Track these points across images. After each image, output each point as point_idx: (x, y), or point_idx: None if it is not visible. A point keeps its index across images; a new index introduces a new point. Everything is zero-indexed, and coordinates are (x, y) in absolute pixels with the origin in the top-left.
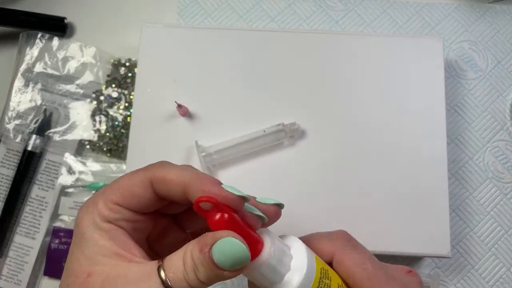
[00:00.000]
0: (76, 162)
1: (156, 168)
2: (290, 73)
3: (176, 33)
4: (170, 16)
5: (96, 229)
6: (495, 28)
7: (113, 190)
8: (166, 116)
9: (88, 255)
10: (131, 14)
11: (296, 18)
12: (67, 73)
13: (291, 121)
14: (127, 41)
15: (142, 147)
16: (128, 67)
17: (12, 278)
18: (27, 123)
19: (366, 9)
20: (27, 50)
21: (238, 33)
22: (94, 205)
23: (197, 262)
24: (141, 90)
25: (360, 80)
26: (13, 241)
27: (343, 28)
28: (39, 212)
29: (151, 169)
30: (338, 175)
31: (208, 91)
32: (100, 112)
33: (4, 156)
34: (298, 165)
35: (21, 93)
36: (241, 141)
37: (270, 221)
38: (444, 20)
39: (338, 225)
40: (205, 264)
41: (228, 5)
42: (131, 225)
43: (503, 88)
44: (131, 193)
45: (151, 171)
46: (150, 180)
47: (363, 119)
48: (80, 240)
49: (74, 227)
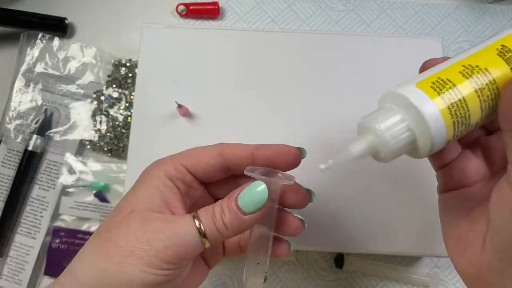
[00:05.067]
0: (76, 162)
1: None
2: (290, 73)
3: (177, 34)
4: (171, 16)
5: (155, 180)
6: (494, 28)
7: (184, 156)
8: (166, 116)
9: (138, 198)
10: (131, 14)
11: (296, 19)
12: (68, 73)
13: (292, 120)
14: (128, 42)
15: (143, 147)
16: (128, 67)
17: (13, 277)
18: (28, 123)
19: (366, 10)
20: (27, 50)
21: (238, 34)
22: (162, 162)
23: (224, 208)
24: (142, 90)
25: (360, 80)
26: (13, 241)
27: (343, 29)
28: (39, 212)
29: (218, 144)
30: (338, 175)
31: (208, 91)
32: (101, 112)
33: (5, 156)
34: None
35: (22, 93)
36: None
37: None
38: (444, 20)
39: (338, 225)
40: (230, 208)
41: (229, 6)
42: (186, 189)
43: None
44: (201, 159)
45: (220, 145)
46: (220, 151)
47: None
48: (137, 185)
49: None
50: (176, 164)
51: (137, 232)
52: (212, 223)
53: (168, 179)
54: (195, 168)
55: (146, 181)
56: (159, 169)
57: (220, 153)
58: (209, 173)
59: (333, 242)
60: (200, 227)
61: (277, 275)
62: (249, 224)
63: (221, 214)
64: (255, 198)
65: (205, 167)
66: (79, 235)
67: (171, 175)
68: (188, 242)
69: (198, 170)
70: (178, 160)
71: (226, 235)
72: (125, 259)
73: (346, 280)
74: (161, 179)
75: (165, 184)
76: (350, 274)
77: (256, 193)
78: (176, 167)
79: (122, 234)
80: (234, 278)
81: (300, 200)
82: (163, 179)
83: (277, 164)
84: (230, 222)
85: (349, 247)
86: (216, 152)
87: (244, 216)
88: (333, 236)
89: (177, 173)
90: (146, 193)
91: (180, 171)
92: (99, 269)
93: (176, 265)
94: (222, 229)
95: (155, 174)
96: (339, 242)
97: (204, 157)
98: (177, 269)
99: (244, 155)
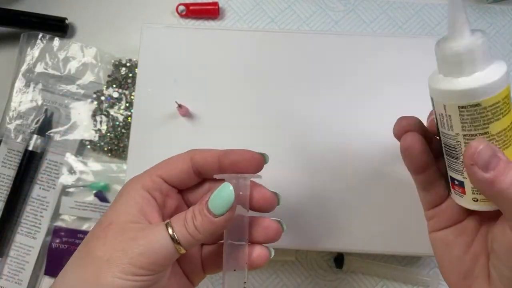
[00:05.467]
0: (77, 162)
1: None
2: (290, 73)
3: (177, 34)
4: (171, 16)
5: (132, 193)
6: (494, 28)
7: (159, 167)
8: (166, 116)
9: (117, 211)
10: (131, 14)
11: (296, 19)
12: (68, 73)
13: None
14: (128, 42)
15: (143, 147)
16: (128, 68)
17: (13, 277)
18: (28, 123)
19: (366, 10)
20: (28, 50)
21: (238, 34)
22: (139, 176)
23: (196, 212)
24: (142, 90)
25: (360, 80)
26: (14, 241)
27: (343, 29)
28: (40, 211)
29: (190, 150)
30: (338, 175)
31: (208, 91)
32: (101, 112)
33: (5, 156)
34: (298, 165)
35: (22, 93)
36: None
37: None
38: (444, 20)
39: (338, 225)
40: (201, 212)
41: (229, 6)
42: (163, 199)
43: None
44: (174, 167)
45: (191, 151)
46: (190, 156)
47: (363, 119)
48: (116, 199)
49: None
50: (152, 176)
51: (113, 242)
52: (184, 229)
53: (145, 191)
54: (170, 176)
55: (124, 194)
56: (136, 182)
57: (191, 159)
58: (183, 179)
59: (333, 242)
60: (173, 234)
61: (277, 275)
62: (220, 226)
63: (193, 219)
64: (224, 200)
65: (179, 174)
66: (79, 235)
67: (148, 187)
68: (162, 249)
69: (173, 177)
70: (153, 172)
71: (199, 238)
72: (103, 268)
73: (346, 280)
74: (139, 191)
75: (142, 196)
76: (350, 274)
77: (224, 195)
78: (152, 179)
79: (100, 245)
80: None
81: (267, 203)
82: (140, 191)
83: (241, 168)
84: (202, 226)
85: (349, 247)
86: (187, 158)
87: (214, 218)
88: (333, 236)
89: (153, 184)
90: (124, 206)
91: (156, 182)
92: (79, 280)
93: (152, 271)
94: (195, 233)
95: (133, 187)
96: (339, 242)
97: (177, 165)
98: (153, 275)
99: (212, 160)
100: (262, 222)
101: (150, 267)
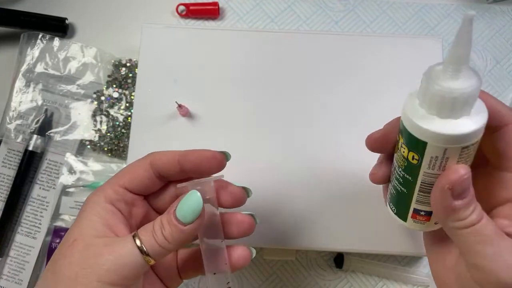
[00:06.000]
0: (77, 162)
1: (152, 153)
2: (290, 73)
3: (177, 34)
4: (171, 16)
5: (95, 207)
6: (494, 28)
7: (120, 176)
8: (166, 116)
9: (81, 227)
10: (132, 14)
11: (296, 19)
12: (68, 73)
13: (291, 120)
14: (128, 42)
15: (143, 147)
16: (128, 68)
17: (13, 277)
18: (28, 123)
19: (366, 10)
20: (28, 50)
21: (238, 34)
22: (101, 188)
23: (164, 222)
24: (142, 90)
25: (360, 80)
26: (14, 241)
27: (343, 29)
28: (40, 211)
29: (149, 155)
30: (338, 175)
31: (208, 91)
32: (101, 112)
33: (5, 156)
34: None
35: (22, 93)
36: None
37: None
38: (443, 20)
39: (338, 225)
40: (170, 221)
41: (229, 6)
42: (128, 209)
43: (502, 89)
44: (135, 173)
45: (150, 155)
46: (150, 161)
47: (363, 119)
48: (79, 215)
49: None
50: (114, 186)
51: (79, 259)
52: (153, 240)
53: (108, 203)
54: (133, 183)
55: (87, 209)
56: (98, 195)
57: (150, 163)
58: (147, 185)
59: (333, 242)
60: (141, 246)
61: (277, 275)
62: (190, 234)
63: (161, 229)
64: (192, 207)
65: (141, 180)
66: None
67: (111, 199)
68: (130, 262)
69: (136, 185)
70: (115, 182)
71: (169, 248)
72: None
73: (346, 280)
74: (101, 204)
75: (105, 208)
76: (350, 274)
77: (192, 203)
78: (114, 189)
79: (66, 264)
80: (234, 278)
81: (236, 199)
82: (103, 204)
83: (203, 168)
84: (171, 235)
85: (349, 246)
86: (146, 163)
87: (184, 227)
88: (333, 235)
89: (116, 195)
90: (88, 221)
91: (118, 192)
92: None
93: (122, 286)
94: (164, 244)
95: (95, 200)
96: (339, 242)
97: (137, 171)
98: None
99: (172, 162)
100: (234, 218)
101: (120, 282)
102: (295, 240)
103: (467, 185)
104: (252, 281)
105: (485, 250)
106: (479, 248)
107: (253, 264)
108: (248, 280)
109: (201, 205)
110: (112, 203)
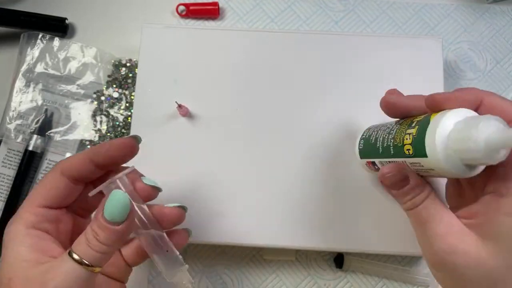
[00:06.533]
0: None
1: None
2: (290, 73)
3: (177, 34)
4: (171, 16)
5: (18, 237)
6: (494, 28)
7: (34, 195)
8: (166, 116)
9: (9, 262)
10: (131, 14)
11: (296, 19)
12: (68, 73)
13: (291, 120)
14: (128, 42)
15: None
16: (128, 68)
17: None
18: (28, 123)
19: (366, 10)
20: (28, 50)
21: (238, 34)
22: (17, 215)
23: (95, 229)
24: (142, 90)
25: (360, 80)
26: None
27: (343, 29)
28: None
29: (57, 164)
30: (339, 175)
31: (208, 91)
32: (101, 112)
33: (5, 156)
34: (299, 165)
35: (22, 93)
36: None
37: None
38: (443, 20)
39: (338, 225)
40: (101, 226)
41: (229, 6)
42: (54, 226)
43: (502, 89)
44: (50, 187)
45: (58, 164)
46: (60, 170)
47: (363, 119)
48: (4, 251)
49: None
50: (31, 209)
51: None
52: (89, 249)
53: (30, 228)
54: (50, 199)
55: (10, 242)
56: (17, 224)
57: (61, 172)
58: (65, 194)
59: (333, 241)
60: (80, 259)
61: (277, 274)
62: (125, 232)
63: (94, 236)
64: (119, 206)
65: (57, 192)
66: None
67: (32, 223)
68: (76, 279)
69: (53, 198)
70: (31, 204)
71: (109, 251)
72: None
73: (346, 280)
74: (23, 232)
75: (29, 235)
76: (350, 274)
77: (117, 202)
78: (32, 212)
79: None
80: (234, 278)
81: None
82: (24, 231)
83: (116, 158)
84: (107, 239)
85: (349, 246)
86: (57, 173)
87: (117, 227)
88: (333, 235)
89: (36, 217)
90: (15, 254)
91: (38, 213)
92: None
93: None
94: (102, 249)
95: (16, 230)
96: (339, 241)
97: (50, 185)
98: None
99: (83, 163)
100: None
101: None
102: (295, 240)
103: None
104: (252, 281)
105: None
106: (415, 227)
107: (253, 264)
108: (248, 280)
109: (127, 201)
110: (34, 226)
